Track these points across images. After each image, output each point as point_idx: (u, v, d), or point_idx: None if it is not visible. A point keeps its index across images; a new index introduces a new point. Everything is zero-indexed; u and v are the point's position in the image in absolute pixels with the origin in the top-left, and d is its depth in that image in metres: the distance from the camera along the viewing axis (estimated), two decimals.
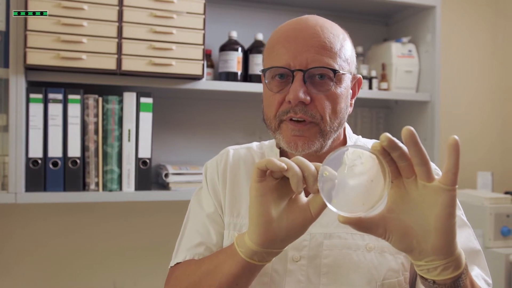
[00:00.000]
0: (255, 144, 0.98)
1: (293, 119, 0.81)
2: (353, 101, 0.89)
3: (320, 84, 0.81)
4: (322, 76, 0.80)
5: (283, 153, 0.92)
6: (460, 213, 0.86)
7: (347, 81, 0.84)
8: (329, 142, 0.84)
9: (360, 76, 0.91)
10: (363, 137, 0.96)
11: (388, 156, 0.58)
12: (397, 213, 0.60)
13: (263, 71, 0.85)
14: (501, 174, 2.31)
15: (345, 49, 0.84)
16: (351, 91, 0.87)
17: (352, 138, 0.93)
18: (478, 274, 0.79)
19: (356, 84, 0.90)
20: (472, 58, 2.36)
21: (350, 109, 0.88)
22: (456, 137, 0.56)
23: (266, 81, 0.84)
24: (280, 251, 0.70)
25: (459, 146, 0.56)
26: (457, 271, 0.61)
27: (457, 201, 0.83)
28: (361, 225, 0.60)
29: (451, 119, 2.26)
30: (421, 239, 0.60)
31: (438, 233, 0.58)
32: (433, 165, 0.89)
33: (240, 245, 0.71)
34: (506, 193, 2.02)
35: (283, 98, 0.81)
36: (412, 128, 0.56)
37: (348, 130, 0.93)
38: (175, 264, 0.89)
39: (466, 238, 0.83)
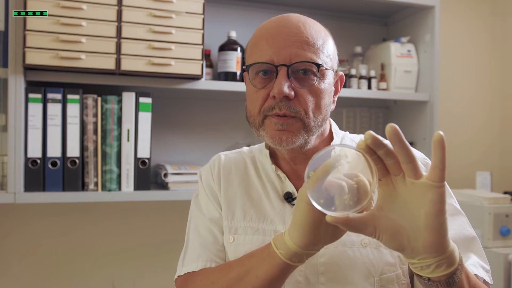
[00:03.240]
0: (245, 148, 0.99)
1: (278, 114, 0.80)
2: (335, 98, 0.89)
3: (303, 79, 0.81)
4: (305, 71, 0.80)
5: (272, 153, 0.92)
6: (452, 201, 0.85)
7: (330, 77, 0.84)
8: (313, 137, 0.84)
9: (342, 73, 0.91)
10: None
11: (374, 154, 0.58)
12: (387, 212, 0.60)
13: (247, 67, 0.84)
14: (500, 174, 2.31)
15: (327, 45, 0.84)
16: (333, 88, 0.88)
17: (339, 134, 0.93)
18: (475, 262, 0.78)
19: (338, 82, 0.90)
20: (471, 58, 2.36)
21: (332, 106, 0.88)
22: (441, 132, 0.56)
23: (250, 78, 0.84)
24: (317, 252, 0.71)
25: (445, 141, 0.56)
26: (451, 268, 0.60)
27: (449, 189, 0.81)
28: (349, 224, 0.60)
29: (450, 119, 2.26)
30: (411, 237, 0.59)
31: (428, 231, 0.58)
32: (421, 155, 0.88)
33: (279, 247, 0.70)
34: (505, 193, 2.02)
35: (267, 94, 0.81)
36: (395, 125, 0.55)
37: (334, 127, 0.93)
38: (186, 273, 0.87)
39: (460, 226, 0.82)
